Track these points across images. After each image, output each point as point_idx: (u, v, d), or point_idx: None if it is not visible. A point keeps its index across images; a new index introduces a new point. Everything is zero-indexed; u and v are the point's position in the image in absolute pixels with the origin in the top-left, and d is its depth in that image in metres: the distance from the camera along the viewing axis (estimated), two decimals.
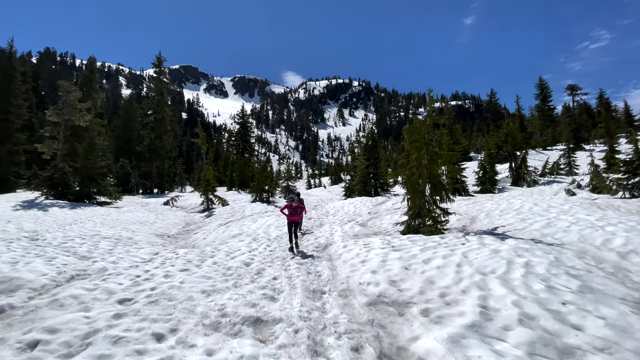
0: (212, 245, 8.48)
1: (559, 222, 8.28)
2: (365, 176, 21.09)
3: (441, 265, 5.42)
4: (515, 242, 6.56)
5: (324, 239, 9.11)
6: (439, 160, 9.60)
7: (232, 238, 9.68)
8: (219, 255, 6.99)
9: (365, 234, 10.00)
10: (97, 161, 18.85)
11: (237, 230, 11.05)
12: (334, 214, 15.14)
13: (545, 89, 49.60)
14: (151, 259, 6.84)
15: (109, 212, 15.62)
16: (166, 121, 38.36)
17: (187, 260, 6.47)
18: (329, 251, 7.85)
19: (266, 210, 16.35)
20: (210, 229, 12.26)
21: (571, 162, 28.38)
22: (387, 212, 14.28)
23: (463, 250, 6.16)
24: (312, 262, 6.46)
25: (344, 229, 10.61)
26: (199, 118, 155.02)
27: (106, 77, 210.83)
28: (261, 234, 10.06)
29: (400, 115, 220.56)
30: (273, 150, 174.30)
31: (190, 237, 11.45)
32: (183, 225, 14.48)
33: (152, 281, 4.82)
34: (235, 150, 41.54)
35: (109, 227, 12.00)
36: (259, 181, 20.11)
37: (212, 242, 9.45)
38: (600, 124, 33.79)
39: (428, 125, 9.61)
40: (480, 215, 10.91)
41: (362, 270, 5.55)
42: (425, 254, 6.17)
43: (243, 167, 34.75)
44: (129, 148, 40.79)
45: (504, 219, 9.81)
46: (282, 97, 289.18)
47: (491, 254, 5.74)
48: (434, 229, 8.92)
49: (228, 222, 13.65)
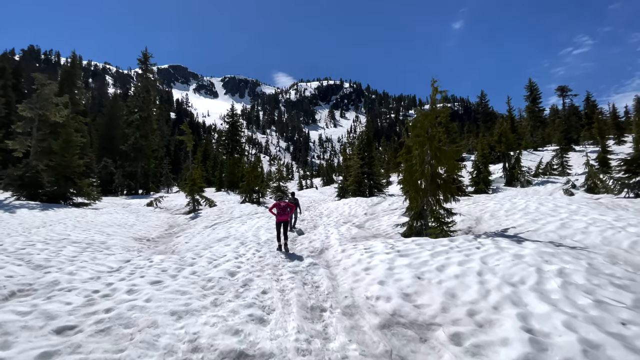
0: (194, 251, 7.52)
1: (574, 223, 7.63)
2: (360, 176, 20.34)
3: (459, 273, 4.64)
4: (535, 245, 5.84)
5: (319, 243, 8.26)
6: (443, 157, 8.87)
7: (218, 242, 8.74)
8: (200, 262, 6.06)
9: (363, 237, 9.18)
10: (73, 159, 17.56)
11: (223, 233, 10.09)
12: (328, 215, 14.30)
13: (534, 90, 49.97)
14: (120, 267, 5.86)
15: (85, 213, 14.43)
16: (152, 119, 36.92)
17: (162, 269, 5.52)
18: (325, 256, 7.00)
19: (256, 212, 15.40)
20: (194, 232, 11.26)
21: (564, 163, 28.25)
22: (384, 213, 13.53)
23: (480, 255, 5.40)
24: (307, 270, 5.59)
25: (340, 231, 9.79)
26: (188, 118, 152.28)
27: (92, 75, 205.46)
28: (250, 237, 9.14)
29: (391, 117, 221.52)
30: (264, 151, 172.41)
31: (172, 240, 10.44)
32: (165, 227, 13.41)
33: (111, 299, 3.88)
34: (225, 150, 40.32)
35: (81, 230, 10.89)
36: (249, 181, 19.12)
37: (194, 246, 8.48)
38: (594, 125, 33.91)
39: (432, 119, 8.88)
40: (485, 216, 10.23)
41: (368, 280, 4.72)
42: (438, 260, 5.39)
43: (232, 167, 33.60)
44: (113, 147, 39.21)
45: (511, 219, 9.15)
46: (273, 98, 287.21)
47: (514, 260, 4.99)
48: (440, 231, 8.18)
49: (214, 224, 12.66)
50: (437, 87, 8.69)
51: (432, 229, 8.42)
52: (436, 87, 8.70)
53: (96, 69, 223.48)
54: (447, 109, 8.88)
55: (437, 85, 8.71)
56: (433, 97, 8.84)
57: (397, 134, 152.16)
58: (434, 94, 8.78)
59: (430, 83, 8.80)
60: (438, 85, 8.67)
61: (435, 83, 8.75)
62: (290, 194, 11.68)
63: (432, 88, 8.81)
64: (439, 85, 8.63)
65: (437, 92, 8.72)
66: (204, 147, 54.95)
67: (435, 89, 8.71)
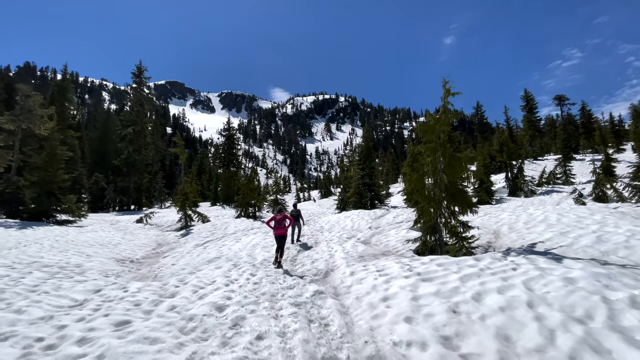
0: (179, 276, 6.50)
1: (610, 236, 6.75)
2: (361, 187, 19.45)
3: (504, 305, 3.70)
4: (580, 264, 4.93)
5: (323, 263, 7.27)
6: (457, 165, 8.04)
7: (207, 264, 7.72)
8: (183, 292, 5.06)
9: (372, 255, 8.22)
10: (58, 174, 16.53)
11: (215, 253, 9.07)
12: (329, 229, 13.32)
13: (530, 100, 50.05)
14: (85, 301, 4.85)
15: (67, 232, 13.32)
16: (146, 134, 36.13)
17: (135, 303, 4.52)
18: (332, 280, 6.02)
19: (252, 227, 14.37)
20: (183, 251, 10.21)
21: (567, 172, 27.67)
22: (389, 227, 12.58)
23: (520, 279, 4.47)
24: (312, 301, 4.61)
25: (345, 248, 8.81)
26: (185, 132, 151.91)
27: (89, 92, 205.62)
28: (244, 257, 8.13)
29: (386, 129, 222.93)
30: (260, 164, 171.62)
31: (158, 262, 9.38)
32: (153, 246, 12.34)
33: (52, 354, 2.89)
34: (221, 164, 39.42)
35: (58, 251, 9.83)
36: (244, 194, 18.15)
37: (181, 269, 7.44)
38: (595, 133, 33.59)
39: (444, 123, 8.10)
40: (503, 229, 9.33)
41: (390, 316, 3.76)
42: (470, 285, 4.45)
43: (228, 180, 32.61)
44: (105, 162, 38.15)
45: (535, 232, 8.25)
46: (269, 112, 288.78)
47: (566, 285, 4.06)
48: (459, 248, 7.26)
49: (206, 242, 11.62)
50: (450, 88, 7.93)
51: (450, 245, 7.50)
52: (448, 89, 7.95)
53: (92, 85, 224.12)
54: (460, 113, 8.11)
55: (449, 87, 7.95)
56: (445, 99, 8.07)
57: (393, 146, 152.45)
58: (446, 96, 8.01)
59: (442, 84, 8.05)
60: (451, 87, 7.92)
61: (447, 84, 8.00)
62: (292, 205, 11.41)
63: (443, 90, 8.06)
64: (452, 86, 7.88)
65: (449, 94, 7.95)
66: (200, 161, 54.03)
67: (448, 90, 7.95)
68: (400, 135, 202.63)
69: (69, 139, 33.40)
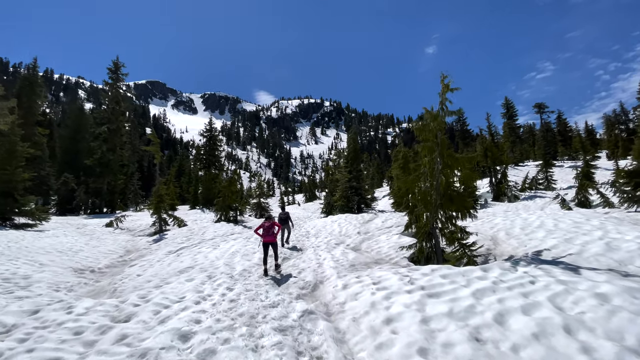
0: (143, 290, 5.53)
1: (620, 244, 6.30)
2: (348, 190, 18.79)
3: (537, 331, 3.03)
4: (604, 277, 4.36)
5: (310, 274, 6.45)
6: (456, 165, 7.46)
7: (178, 275, 6.75)
8: (142, 314, 4.13)
9: (364, 263, 7.48)
10: (17, 172, 14.96)
11: (188, 262, 8.08)
12: (315, 234, 12.52)
13: (511, 108, 51.29)
14: (14, 326, 3.85)
15: (23, 237, 11.90)
16: (122, 132, 34.22)
17: (75, 331, 3.57)
18: (322, 295, 5.23)
19: (232, 232, 13.37)
20: (153, 260, 9.14)
21: (548, 177, 28.15)
22: (379, 232, 11.92)
23: (544, 295, 3.83)
24: (301, 325, 3.79)
25: (334, 255, 8.04)
26: (165, 134, 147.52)
27: (64, 89, 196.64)
28: (221, 267, 7.19)
29: (370, 134, 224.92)
30: (244, 167, 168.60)
31: (123, 271, 8.28)
32: (121, 253, 11.14)
33: None
34: (202, 166, 37.87)
35: (7, 259, 8.58)
36: (225, 197, 17.08)
37: (146, 282, 6.44)
38: (574, 139, 34.55)
39: (441, 121, 7.52)
40: (500, 235, 8.83)
41: (399, 346, 3.01)
42: (487, 303, 3.78)
43: (209, 182, 31.26)
44: (77, 162, 35.89)
45: (536, 239, 7.75)
46: (254, 115, 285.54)
47: (601, 304, 3.45)
48: (461, 255, 6.64)
49: (180, 248, 10.56)
50: (449, 83, 7.36)
51: (450, 253, 6.89)
52: (447, 84, 7.37)
53: (68, 83, 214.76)
54: (459, 111, 7.55)
55: (448, 82, 7.38)
56: (443, 95, 7.48)
57: (377, 151, 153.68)
58: (444, 91, 7.43)
59: (440, 79, 7.47)
60: (450, 82, 7.35)
61: (446, 79, 7.43)
62: (281, 208, 11.47)
63: (441, 85, 7.48)
64: (451, 81, 7.32)
65: (447, 89, 7.38)
66: (179, 162, 52.03)
67: (447, 85, 7.37)
68: (384, 141, 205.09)
69: (37, 137, 31.19)
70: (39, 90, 32.71)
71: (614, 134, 49.51)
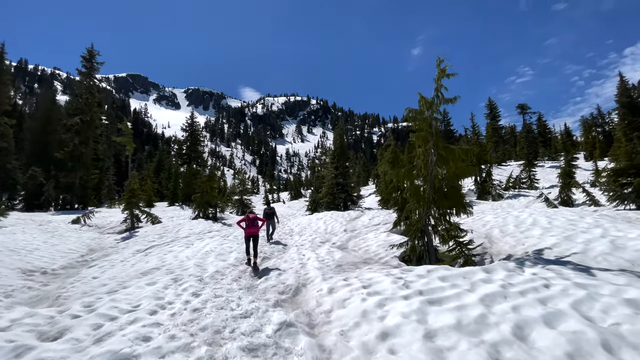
0: (92, 296, 4.66)
1: (626, 242, 5.87)
2: (334, 187, 18.14)
3: (571, 350, 2.43)
4: (624, 279, 3.86)
5: (292, 275, 5.72)
6: (451, 158, 6.88)
7: (140, 277, 5.87)
8: (78, 329, 3.30)
9: (351, 263, 6.81)
10: None
11: (155, 262, 7.18)
12: (299, 232, 11.78)
13: (494, 108, 52.00)
14: None
15: None
16: (96, 125, 32.26)
17: None
18: (304, 301, 4.51)
19: (210, 230, 12.46)
20: (117, 260, 8.16)
21: (531, 177, 28.48)
22: (366, 230, 11.32)
23: (566, 301, 3.25)
24: (276, 343, 3.06)
25: (319, 254, 7.34)
26: (146, 128, 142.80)
27: (39, 81, 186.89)
28: (191, 268, 6.35)
29: (356, 133, 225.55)
30: (228, 165, 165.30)
31: (80, 272, 7.29)
32: (83, 252, 10.05)
33: None
34: (183, 161, 36.32)
35: None
36: (204, 193, 16.06)
37: (101, 285, 5.54)
38: (557, 140, 35.17)
39: (437, 109, 6.93)
40: (494, 232, 8.36)
41: None
42: (499, 312, 3.16)
43: (189, 178, 29.87)
44: (47, 154, 33.70)
45: (533, 237, 7.29)
46: (239, 111, 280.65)
47: (637, 313, 2.90)
48: (457, 255, 6.07)
49: (150, 247, 9.59)
50: (445, 68, 6.76)
51: (445, 252, 6.32)
52: (444, 69, 6.77)
53: (44, 73, 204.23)
54: (455, 98, 6.96)
55: (444, 67, 6.78)
56: (438, 81, 6.87)
57: (363, 150, 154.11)
58: (440, 77, 6.83)
59: (436, 63, 6.86)
60: (446, 66, 6.75)
61: (442, 63, 6.84)
62: (266, 204, 11.23)
63: (437, 70, 6.88)
64: (448, 66, 6.72)
65: (444, 74, 6.77)
66: (159, 157, 50.02)
67: (443, 70, 6.77)
68: (370, 140, 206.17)
69: (2, 127, 28.98)
70: (5, 77, 30.36)
71: (592, 136, 51.11)
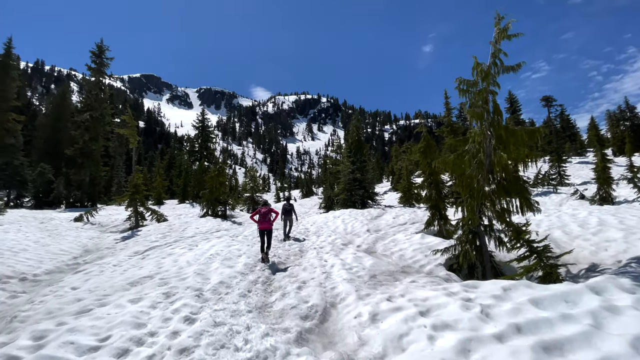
0: (55, 319, 3.48)
1: None
2: (350, 183, 16.79)
3: None
4: None
5: (316, 290, 4.42)
6: (513, 142, 5.44)
7: (127, 289, 4.69)
8: None
9: (387, 273, 5.47)
10: None
11: (150, 268, 6.00)
12: (316, 232, 10.48)
13: (514, 102, 49.42)
14: None
15: None
16: (106, 121, 31.79)
17: None
18: (338, 334, 3.21)
19: (218, 229, 11.31)
20: (109, 263, 7.05)
21: (561, 173, 26.43)
22: (393, 230, 9.93)
23: None
24: None
25: (345, 260, 6.03)
26: (159, 127, 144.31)
27: (55, 81, 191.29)
28: (190, 277, 5.11)
29: (367, 131, 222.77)
30: (239, 163, 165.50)
31: (62, 280, 6.19)
32: (77, 253, 9.02)
33: None
34: (194, 158, 35.60)
35: None
36: (212, 189, 14.98)
37: (74, 301, 4.36)
38: (588, 134, 32.92)
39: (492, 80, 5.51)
40: (555, 234, 6.86)
41: None
42: None
43: (200, 175, 29.01)
44: (58, 152, 33.49)
45: (614, 240, 5.78)
46: (250, 110, 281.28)
47: None
48: (535, 266, 4.63)
49: (150, 248, 8.48)
50: (506, 28, 5.30)
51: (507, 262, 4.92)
52: (504, 28, 5.31)
53: (60, 74, 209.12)
54: (519, 65, 5.50)
55: (505, 25, 5.33)
56: (496, 45, 5.44)
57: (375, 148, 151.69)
58: (499, 38, 5.38)
59: (495, 21, 5.43)
60: (508, 24, 5.29)
61: (502, 21, 5.39)
62: (286, 200, 10.95)
63: (495, 30, 5.45)
64: (512, 22, 5.26)
65: (504, 35, 5.31)
66: (170, 155, 49.61)
67: (503, 30, 5.32)
68: (382, 138, 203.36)
69: (10, 123, 28.69)
70: (13, 73, 30.10)
71: (620, 130, 48.00)
